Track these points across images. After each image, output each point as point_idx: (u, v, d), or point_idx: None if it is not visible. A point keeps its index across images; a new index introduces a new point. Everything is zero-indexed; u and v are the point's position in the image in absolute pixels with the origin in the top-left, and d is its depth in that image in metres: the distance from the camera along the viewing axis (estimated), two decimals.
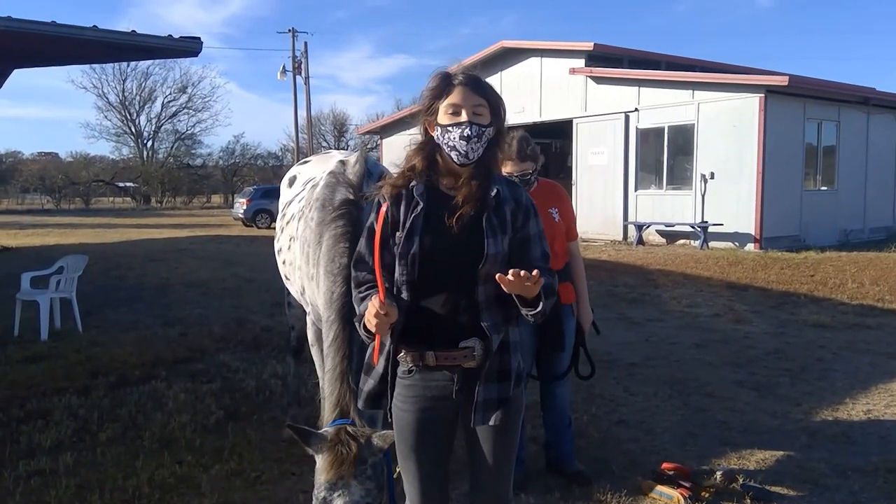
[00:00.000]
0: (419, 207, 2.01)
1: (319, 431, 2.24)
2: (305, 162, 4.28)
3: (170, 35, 7.12)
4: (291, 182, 4.16)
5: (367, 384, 2.13)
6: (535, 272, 1.84)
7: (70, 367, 5.88)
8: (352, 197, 2.92)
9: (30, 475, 3.71)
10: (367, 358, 2.17)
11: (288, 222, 3.65)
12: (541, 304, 1.94)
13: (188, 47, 7.19)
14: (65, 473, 3.73)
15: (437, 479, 2.13)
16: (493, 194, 2.03)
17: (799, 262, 12.68)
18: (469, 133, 2.00)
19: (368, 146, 51.83)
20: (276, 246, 3.90)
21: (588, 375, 3.75)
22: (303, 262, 3.17)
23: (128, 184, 53.40)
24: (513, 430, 2.12)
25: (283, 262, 3.70)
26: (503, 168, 3.54)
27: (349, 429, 2.21)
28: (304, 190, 3.62)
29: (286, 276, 3.69)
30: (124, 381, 5.47)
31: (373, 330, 1.90)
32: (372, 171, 3.23)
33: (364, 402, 2.14)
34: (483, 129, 2.03)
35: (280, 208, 4.07)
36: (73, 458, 3.92)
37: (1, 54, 8.67)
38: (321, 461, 2.16)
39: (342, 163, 3.25)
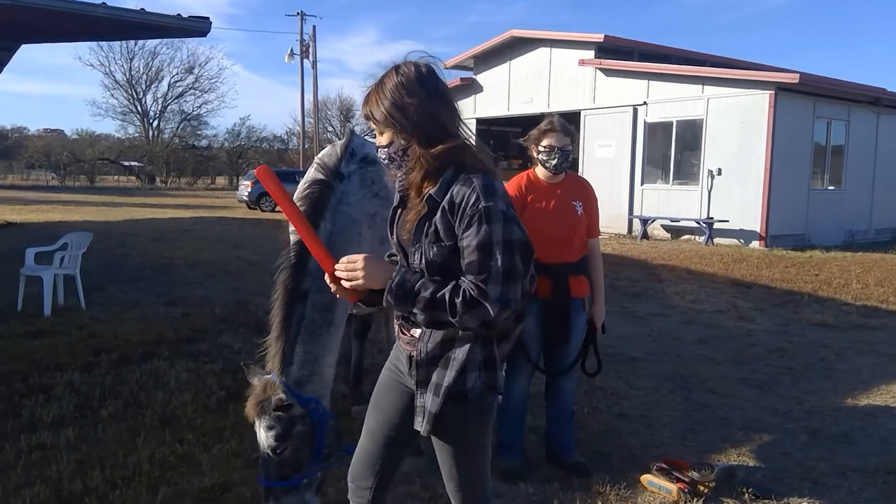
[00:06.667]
0: (396, 203, 2.08)
1: (260, 375, 2.64)
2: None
3: (178, 14, 7.08)
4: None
5: None
6: (344, 261, 1.89)
7: (73, 343, 5.89)
8: (321, 177, 3.10)
9: (31, 449, 3.72)
10: None
11: None
12: (384, 300, 1.87)
13: (197, 27, 7.15)
14: (66, 448, 3.74)
15: (378, 441, 2.16)
16: (425, 198, 1.90)
17: (804, 261, 12.65)
18: (384, 157, 1.99)
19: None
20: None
21: (594, 372, 3.75)
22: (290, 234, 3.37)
23: (133, 163, 53.39)
24: (453, 448, 2.02)
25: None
26: (547, 140, 3.54)
27: (268, 381, 2.57)
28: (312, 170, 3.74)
29: None
30: (126, 358, 5.48)
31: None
32: (356, 150, 3.37)
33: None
34: (388, 149, 1.96)
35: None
36: (75, 434, 3.94)
37: (9, 29, 8.62)
38: None
39: (333, 146, 3.34)
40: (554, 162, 3.57)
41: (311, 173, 3.25)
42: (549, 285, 3.55)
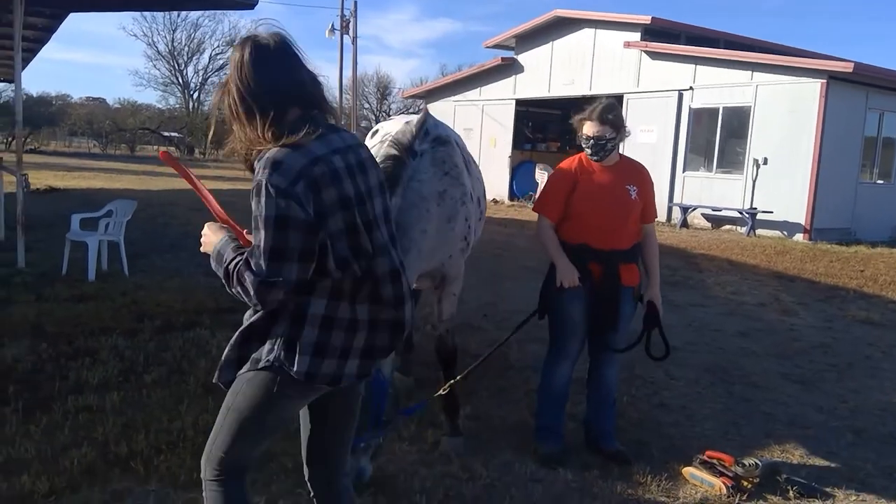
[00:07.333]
0: None
1: None
2: (390, 119, 4.76)
3: None
4: (373, 135, 4.44)
5: None
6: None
7: (116, 308, 6.01)
8: (395, 153, 3.19)
9: (78, 411, 3.80)
10: None
11: None
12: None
13: (244, 0, 7.15)
14: (111, 412, 3.81)
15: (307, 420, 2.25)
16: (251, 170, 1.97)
17: (849, 255, 12.31)
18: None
19: (410, 111, 51.50)
20: None
21: (662, 356, 3.67)
22: None
23: (173, 134, 54.06)
24: (225, 403, 2.03)
25: None
26: (584, 128, 3.48)
27: None
28: (379, 143, 3.85)
29: None
30: (169, 326, 5.56)
31: None
32: (430, 130, 3.38)
33: None
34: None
35: None
36: (120, 398, 4.01)
37: None
38: None
39: (407, 123, 3.35)
40: (589, 151, 3.52)
41: (385, 149, 3.29)
42: (599, 271, 3.48)
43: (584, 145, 3.55)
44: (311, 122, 1.90)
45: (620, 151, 3.66)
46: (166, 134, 54.14)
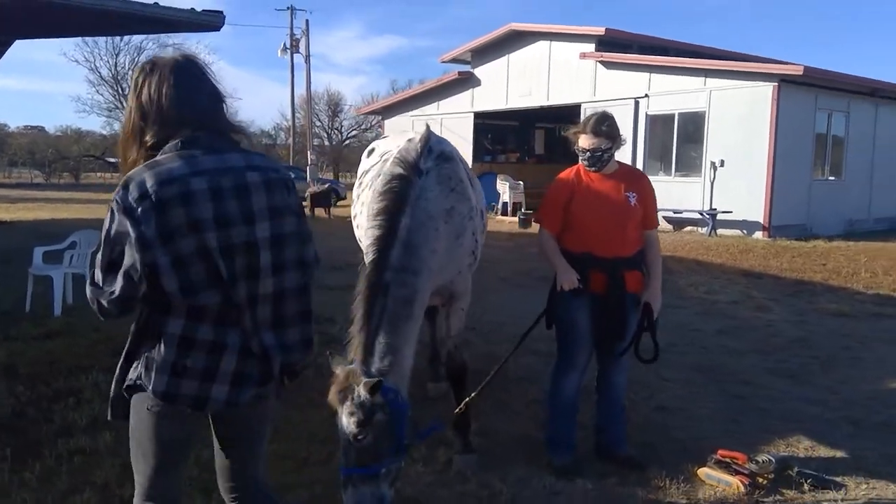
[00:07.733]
0: None
1: (343, 364, 2.72)
2: (384, 137, 4.72)
3: (192, 8, 6.94)
4: (370, 153, 4.44)
5: None
6: None
7: (90, 344, 5.75)
8: (402, 171, 3.16)
9: (71, 454, 3.62)
10: None
11: (363, 190, 3.84)
12: None
13: (210, 21, 7.03)
14: (107, 453, 3.63)
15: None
16: None
17: (809, 250, 12.69)
18: None
19: (363, 127, 51.38)
20: (353, 212, 4.16)
21: (651, 360, 3.66)
22: (367, 228, 3.39)
23: (118, 159, 52.76)
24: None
25: (357, 227, 3.89)
26: (579, 140, 3.49)
27: (350, 371, 2.65)
28: (379, 161, 3.79)
29: (360, 240, 3.84)
30: None
31: None
32: (433, 147, 3.39)
33: None
34: None
35: (358, 177, 4.34)
36: (113, 437, 3.79)
37: (4, 23, 8.41)
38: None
39: (409, 140, 3.35)
40: (586, 163, 3.55)
41: (390, 168, 3.26)
42: (602, 280, 3.47)
43: (580, 158, 3.57)
44: (190, 142, 1.91)
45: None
46: (112, 160, 52.76)
